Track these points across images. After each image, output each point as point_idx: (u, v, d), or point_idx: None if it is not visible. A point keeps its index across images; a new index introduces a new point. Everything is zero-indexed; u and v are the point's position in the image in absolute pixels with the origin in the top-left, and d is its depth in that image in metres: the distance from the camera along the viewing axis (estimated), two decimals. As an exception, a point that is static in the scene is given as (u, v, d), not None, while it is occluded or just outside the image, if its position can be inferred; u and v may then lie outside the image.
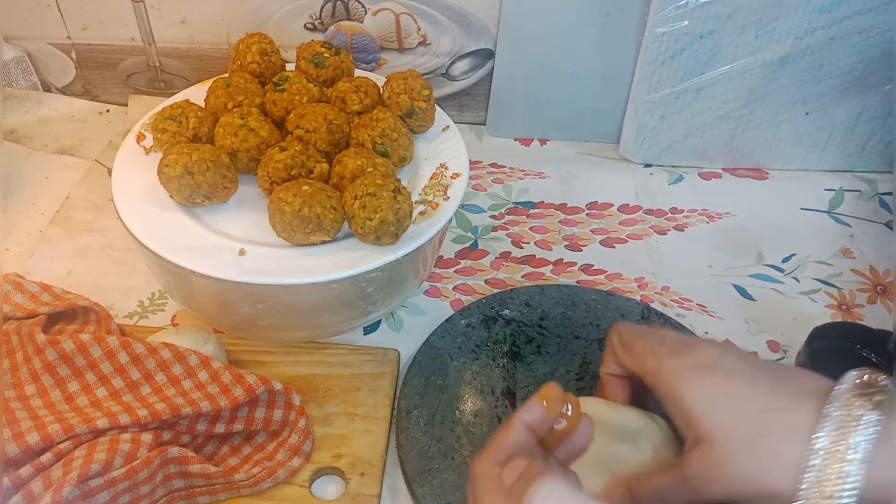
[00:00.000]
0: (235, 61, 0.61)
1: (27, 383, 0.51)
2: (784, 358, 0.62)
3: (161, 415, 0.48)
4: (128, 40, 0.80)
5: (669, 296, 0.67)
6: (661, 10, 0.71)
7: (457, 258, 0.70)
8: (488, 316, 0.62)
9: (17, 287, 0.57)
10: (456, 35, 0.78)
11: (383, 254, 0.51)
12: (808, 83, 0.75)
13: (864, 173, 0.81)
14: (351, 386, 0.57)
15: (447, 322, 0.61)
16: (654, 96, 0.76)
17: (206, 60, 0.82)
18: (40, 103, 0.84)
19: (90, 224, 0.71)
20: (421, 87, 0.59)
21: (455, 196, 0.56)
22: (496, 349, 0.60)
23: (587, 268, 0.69)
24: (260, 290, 0.51)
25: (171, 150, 0.53)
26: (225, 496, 0.50)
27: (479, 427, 0.55)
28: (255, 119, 0.55)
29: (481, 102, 0.84)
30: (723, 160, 0.81)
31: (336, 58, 0.61)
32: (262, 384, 0.50)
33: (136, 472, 0.45)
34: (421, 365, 0.58)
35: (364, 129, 0.56)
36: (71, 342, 0.51)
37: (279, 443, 0.52)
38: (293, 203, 0.49)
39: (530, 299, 0.64)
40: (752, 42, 0.72)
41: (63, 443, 0.46)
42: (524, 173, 0.80)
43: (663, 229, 0.74)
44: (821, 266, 0.71)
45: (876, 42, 0.72)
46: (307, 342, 0.59)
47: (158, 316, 0.63)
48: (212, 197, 0.53)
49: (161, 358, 0.51)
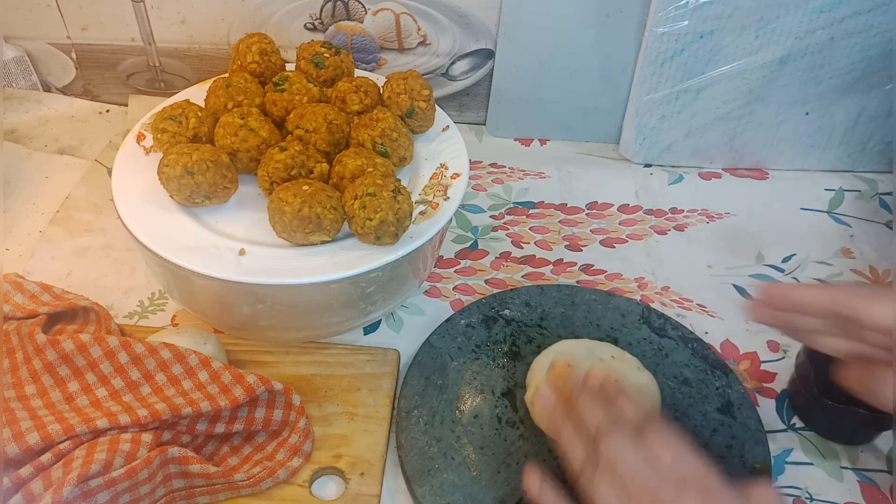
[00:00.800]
0: (235, 61, 0.61)
1: (27, 383, 0.51)
2: (784, 358, 0.62)
3: (161, 415, 0.48)
4: (128, 40, 0.80)
5: (669, 296, 0.67)
6: (661, 10, 0.71)
7: (457, 258, 0.70)
8: (488, 316, 0.62)
9: (17, 287, 0.57)
10: (456, 35, 0.78)
11: (383, 254, 0.51)
12: (808, 83, 0.75)
13: (864, 173, 0.81)
14: (351, 386, 0.56)
15: (447, 322, 0.61)
16: (654, 96, 0.76)
17: (206, 60, 0.82)
18: (40, 103, 0.84)
19: (90, 224, 0.71)
20: (421, 87, 0.59)
21: (455, 196, 0.56)
22: (496, 349, 0.60)
23: (587, 268, 0.69)
24: (260, 290, 0.51)
25: (171, 150, 0.53)
26: (225, 496, 0.50)
27: (479, 427, 0.55)
28: (255, 119, 0.55)
29: (481, 102, 0.84)
30: (723, 160, 0.81)
31: (336, 58, 0.61)
32: (262, 384, 0.50)
33: (136, 472, 0.45)
34: (421, 365, 0.58)
35: (364, 129, 0.56)
36: (71, 342, 0.51)
37: (279, 443, 0.52)
38: (293, 203, 0.49)
39: (530, 299, 0.64)
40: (752, 42, 0.72)
41: (63, 443, 0.46)
42: (524, 173, 0.80)
43: (663, 229, 0.74)
44: (821, 266, 0.71)
45: (876, 42, 0.72)
46: (307, 342, 0.59)
47: (158, 316, 0.63)
48: (212, 197, 0.53)
49: (161, 358, 0.51)
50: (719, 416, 0.56)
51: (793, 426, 0.58)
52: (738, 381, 0.58)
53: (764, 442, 0.54)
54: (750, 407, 0.56)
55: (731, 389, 0.57)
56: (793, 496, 0.53)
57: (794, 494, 0.53)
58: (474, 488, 0.51)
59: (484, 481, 0.51)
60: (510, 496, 0.51)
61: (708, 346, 0.61)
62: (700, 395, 0.57)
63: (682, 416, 0.56)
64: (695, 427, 0.55)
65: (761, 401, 0.59)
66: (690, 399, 0.57)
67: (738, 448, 0.54)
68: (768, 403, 0.59)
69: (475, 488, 0.51)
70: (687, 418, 0.56)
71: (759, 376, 0.61)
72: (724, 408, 0.56)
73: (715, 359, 0.60)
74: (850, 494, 0.54)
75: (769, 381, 0.61)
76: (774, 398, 0.59)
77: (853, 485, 0.54)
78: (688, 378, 0.58)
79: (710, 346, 0.61)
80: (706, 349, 0.60)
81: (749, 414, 0.56)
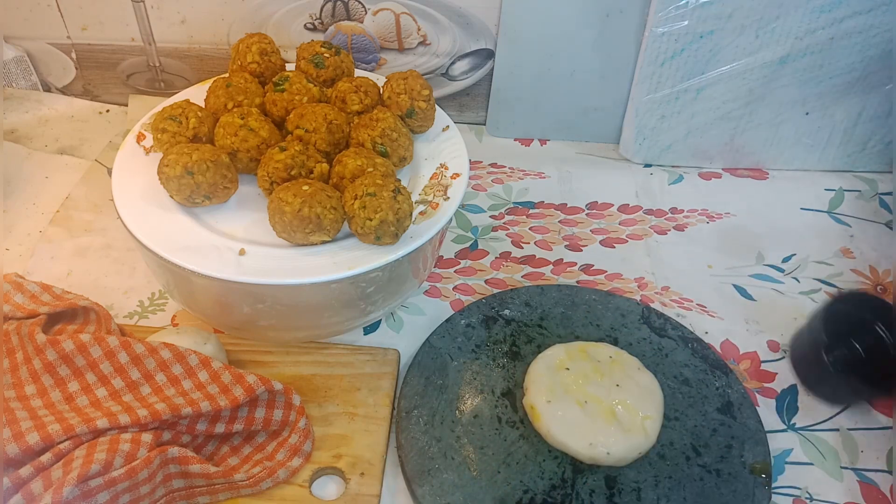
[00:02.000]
0: (235, 61, 0.61)
1: (27, 383, 0.51)
2: (784, 358, 0.62)
3: (161, 415, 0.48)
4: (128, 40, 0.80)
5: (669, 296, 0.67)
6: (661, 10, 0.71)
7: (457, 258, 0.70)
8: (488, 316, 0.62)
9: (17, 287, 0.57)
10: (456, 35, 0.78)
11: (383, 254, 0.51)
12: (808, 83, 0.75)
13: (864, 173, 0.81)
14: (351, 386, 0.56)
15: (447, 322, 0.61)
16: (654, 96, 0.76)
17: (206, 60, 0.82)
18: (40, 103, 0.84)
19: (90, 224, 0.71)
20: (421, 87, 0.59)
21: (455, 196, 0.56)
22: (496, 349, 0.60)
23: (587, 268, 0.69)
24: (260, 290, 0.51)
25: (171, 150, 0.53)
26: (225, 496, 0.50)
27: (479, 427, 0.55)
28: (255, 119, 0.55)
29: (481, 102, 0.84)
30: (723, 160, 0.81)
31: (336, 58, 0.61)
32: (262, 384, 0.50)
33: (136, 472, 0.45)
34: (421, 365, 0.58)
35: (364, 129, 0.56)
36: (71, 342, 0.51)
37: (279, 443, 0.52)
38: (293, 203, 0.49)
39: (530, 299, 0.64)
40: (752, 42, 0.72)
41: (63, 443, 0.46)
42: (524, 173, 0.80)
43: (663, 229, 0.74)
44: (821, 266, 0.71)
45: (876, 42, 0.72)
46: (307, 342, 0.59)
47: (158, 316, 0.63)
48: (212, 197, 0.53)
49: (161, 358, 0.51)
50: (719, 416, 0.56)
51: (793, 426, 0.58)
52: (738, 381, 0.58)
53: (764, 442, 0.54)
54: (750, 407, 0.56)
55: (731, 389, 0.57)
56: (793, 496, 0.53)
57: (794, 494, 0.53)
58: (474, 488, 0.51)
59: (484, 481, 0.51)
60: (510, 496, 0.51)
61: (708, 346, 0.61)
62: (700, 395, 0.57)
63: (682, 416, 0.56)
64: (695, 427, 0.55)
65: (761, 401, 0.59)
66: (690, 399, 0.57)
67: (738, 448, 0.54)
68: (768, 403, 0.59)
69: (475, 488, 0.51)
70: (687, 418, 0.56)
71: (759, 376, 0.61)
72: (724, 408, 0.56)
73: (715, 359, 0.60)
74: (850, 494, 0.54)
75: (769, 381, 0.61)
76: (774, 398, 0.59)
77: (853, 485, 0.54)
78: (688, 378, 0.58)
79: (710, 346, 0.61)
80: (706, 349, 0.60)
81: (749, 414, 0.56)
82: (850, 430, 0.58)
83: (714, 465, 0.53)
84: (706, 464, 0.53)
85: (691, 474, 0.52)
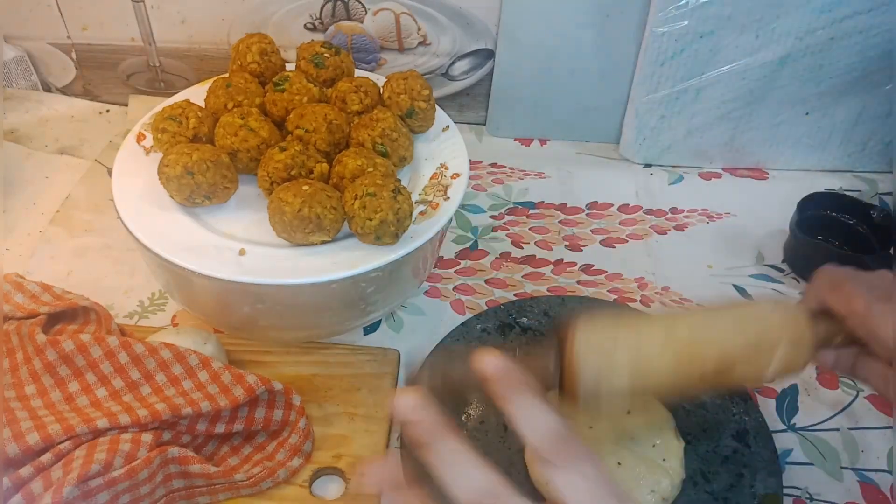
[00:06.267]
0: (235, 61, 0.61)
1: (27, 383, 0.51)
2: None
3: (161, 415, 0.48)
4: (128, 40, 0.80)
5: (669, 296, 0.67)
6: (661, 10, 0.71)
7: (457, 258, 0.70)
8: (505, 322, 0.62)
9: (17, 287, 0.57)
10: (456, 35, 0.78)
11: (383, 254, 0.51)
12: (808, 83, 0.75)
13: (864, 173, 0.81)
14: (351, 386, 0.56)
15: (463, 325, 0.61)
16: (654, 96, 0.76)
17: (206, 60, 0.82)
18: (40, 103, 0.84)
19: (90, 224, 0.71)
20: (421, 87, 0.59)
21: (455, 196, 0.56)
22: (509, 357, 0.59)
23: (587, 268, 0.69)
24: (260, 290, 0.51)
25: (171, 150, 0.53)
26: (225, 496, 0.50)
27: (485, 434, 0.54)
28: (255, 119, 0.55)
29: (481, 102, 0.84)
30: (723, 160, 0.81)
31: (336, 58, 0.61)
32: (262, 384, 0.50)
33: (136, 472, 0.45)
34: (433, 366, 0.57)
35: (364, 129, 0.56)
36: (71, 342, 0.51)
37: (279, 443, 0.52)
38: (293, 203, 0.49)
39: (550, 309, 0.62)
40: (752, 42, 0.72)
41: (63, 443, 0.46)
42: (524, 173, 0.80)
43: (663, 229, 0.74)
44: (821, 266, 0.71)
45: (876, 42, 0.72)
46: (307, 342, 0.59)
47: (158, 316, 0.63)
48: (212, 197, 0.53)
49: (161, 358, 0.51)
50: (733, 442, 0.54)
51: (793, 426, 0.58)
52: (756, 408, 0.56)
53: (777, 474, 0.52)
54: (766, 436, 0.54)
55: (748, 417, 0.55)
56: (793, 496, 0.53)
57: (794, 495, 0.53)
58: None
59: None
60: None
61: None
62: (715, 420, 0.55)
63: (695, 440, 0.54)
64: (706, 452, 0.54)
65: (761, 401, 0.59)
66: (706, 424, 0.55)
67: (750, 478, 0.52)
68: (768, 403, 0.59)
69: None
70: (699, 443, 0.54)
71: (759, 376, 0.61)
72: (739, 435, 0.54)
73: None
74: (850, 494, 0.54)
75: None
76: (774, 398, 0.59)
77: (853, 485, 0.54)
78: (704, 402, 0.56)
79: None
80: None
81: (764, 443, 0.54)
82: (851, 429, 0.58)
83: (722, 493, 0.51)
84: (713, 491, 0.52)
85: (697, 500, 0.51)
